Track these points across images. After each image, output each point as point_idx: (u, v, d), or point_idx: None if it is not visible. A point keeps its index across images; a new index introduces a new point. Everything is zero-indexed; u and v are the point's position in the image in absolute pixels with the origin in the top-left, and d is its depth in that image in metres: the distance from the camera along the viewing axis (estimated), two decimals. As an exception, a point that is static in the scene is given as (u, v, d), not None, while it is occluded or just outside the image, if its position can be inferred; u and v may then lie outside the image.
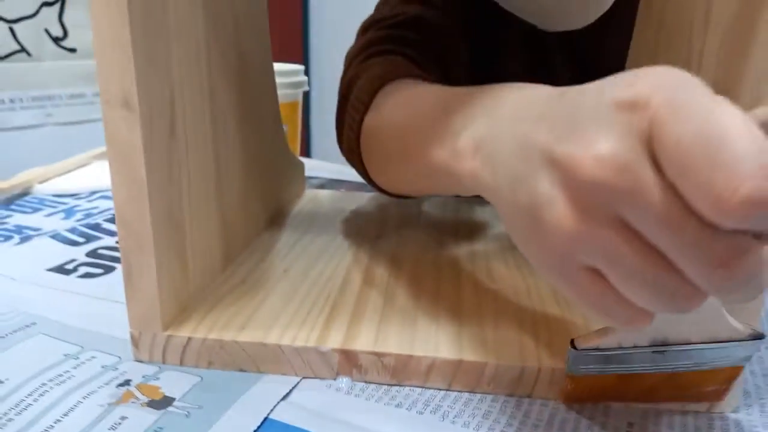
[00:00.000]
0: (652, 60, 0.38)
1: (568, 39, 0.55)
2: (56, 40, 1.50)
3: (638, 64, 0.42)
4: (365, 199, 0.57)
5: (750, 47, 0.25)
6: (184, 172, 0.32)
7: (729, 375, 0.27)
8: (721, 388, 0.27)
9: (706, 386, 0.27)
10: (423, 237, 0.47)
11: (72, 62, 1.53)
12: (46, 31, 1.47)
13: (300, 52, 2.40)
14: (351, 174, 0.65)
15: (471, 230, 0.49)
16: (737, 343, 0.25)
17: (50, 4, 1.48)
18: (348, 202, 0.56)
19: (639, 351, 0.26)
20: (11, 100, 1.44)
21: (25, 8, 1.43)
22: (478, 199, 0.63)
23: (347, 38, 0.78)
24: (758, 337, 0.25)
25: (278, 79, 0.52)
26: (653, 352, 0.25)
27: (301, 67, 0.72)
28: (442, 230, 0.49)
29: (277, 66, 0.54)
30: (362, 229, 0.48)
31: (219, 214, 0.38)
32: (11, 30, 1.41)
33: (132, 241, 0.29)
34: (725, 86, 0.28)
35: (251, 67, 0.43)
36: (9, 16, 1.41)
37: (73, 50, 1.53)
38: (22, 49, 1.43)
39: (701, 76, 0.30)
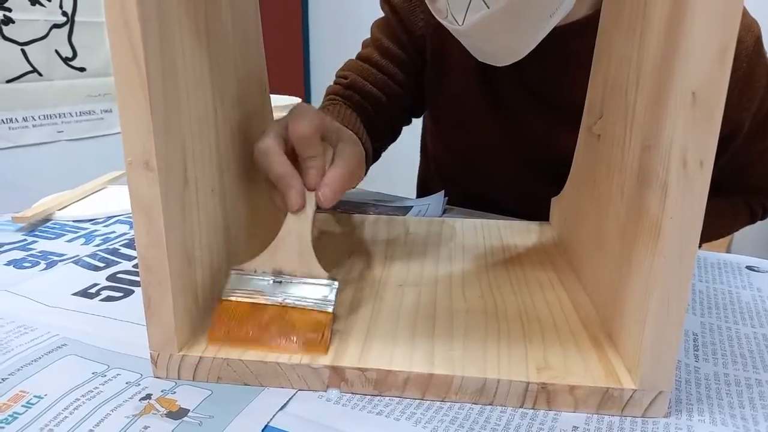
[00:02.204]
0: (602, 105, 0.44)
1: (523, 70, 0.63)
2: (66, 60, 1.56)
3: (593, 106, 0.47)
4: (357, 220, 0.62)
5: (664, 113, 0.30)
6: (195, 216, 0.38)
7: (321, 319, 0.38)
8: (319, 336, 0.37)
9: (307, 329, 0.37)
10: (407, 258, 0.52)
11: (81, 81, 1.60)
12: (57, 51, 1.53)
13: (302, 86, 2.51)
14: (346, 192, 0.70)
15: (450, 251, 0.54)
16: (321, 281, 0.39)
17: (60, 26, 1.54)
18: (341, 223, 0.61)
19: (264, 278, 0.39)
20: (24, 119, 1.50)
21: (36, 31, 1.49)
22: (463, 211, 0.69)
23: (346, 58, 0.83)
24: (333, 279, 0.39)
25: (276, 114, 0.57)
26: (273, 281, 0.39)
27: (298, 100, 0.77)
28: (425, 252, 0.54)
29: (275, 99, 0.59)
30: (354, 250, 0.53)
31: (227, 248, 0.43)
32: (23, 52, 1.47)
33: (152, 278, 0.35)
34: (648, 141, 0.33)
35: (252, 121, 0.48)
36: (21, 39, 1.47)
37: (82, 69, 1.59)
38: (34, 70, 1.50)
39: (635, 122, 0.36)
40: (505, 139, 0.72)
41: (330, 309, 0.38)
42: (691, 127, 0.29)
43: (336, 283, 0.39)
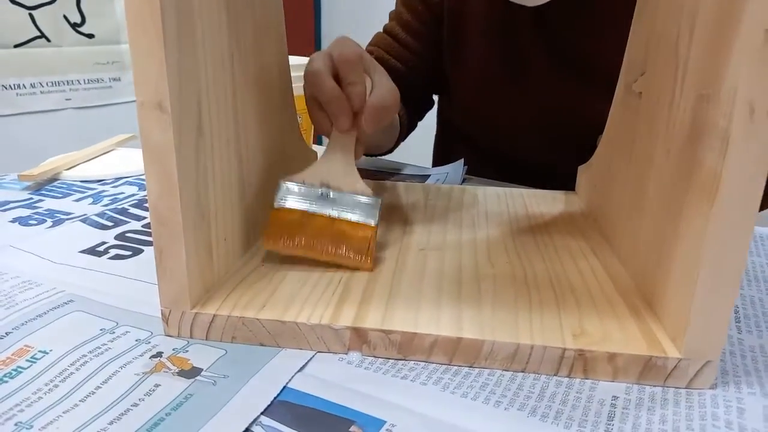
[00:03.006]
0: (644, 62, 0.41)
1: (547, 32, 0.60)
2: (74, 26, 1.53)
3: (633, 63, 0.44)
4: (374, 186, 0.60)
5: (728, 59, 0.28)
6: (209, 167, 0.35)
7: (365, 233, 0.41)
8: (365, 247, 0.40)
9: (354, 240, 0.40)
10: (428, 223, 0.50)
11: (90, 48, 1.57)
12: (65, 17, 1.50)
13: (312, 43, 2.44)
14: (361, 161, 0.67)
15: (473, 218, 0.51)
16: (366, 197, 0.42)
17: (68, -9, 1.50)
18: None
19: (313, 188, 0.42)
20: (32, 85, 1.48)
21: (44, -5, 1.46)
22: (483, 181, 0.66)
23: (358, 30, 0.81)
24: (377, 197, 0.42)
25: (293, 73, 0.54)
26: (321, 192, 0.42)
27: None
28: (446, 218, 0.51)
29: (292, 60, 0.56)
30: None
31: (241, 203, 0.41)
32: (31, 16, 1.44)
33: (164, 230, 0.32)
34: (707, 91, 0.30)
35: (270, 73, 0.45)
36: (28, 3, 1.44)
37: (91, 36, 1.56)
38: (42, 35, 1.47)
39: (687, 73, 0.33)
40: (527, 105, 0.69)
41: (373, 222, 0.41)
42: (761, 70, 0.26)
43: (380, 199, 0.42)
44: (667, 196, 0.34)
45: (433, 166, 0.84)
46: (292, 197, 0.41)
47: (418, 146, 0.92)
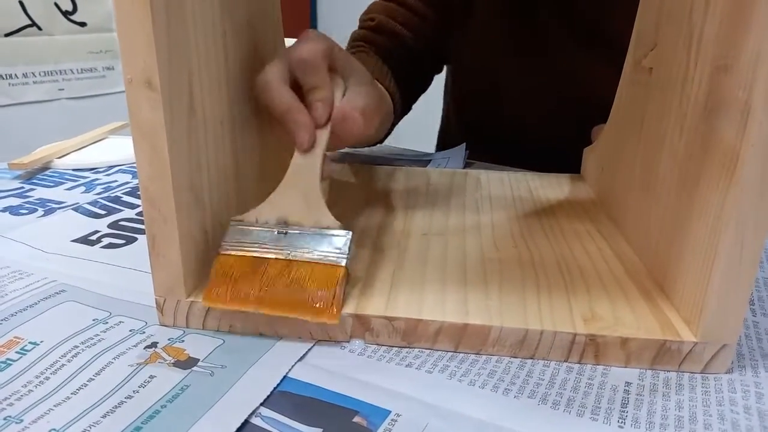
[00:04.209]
0: (654, 35, 0.39)
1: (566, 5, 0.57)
2: (66, 14, 1.50)
3: (643, 38, 0.43)
4: (374, 171, 0.58)
5: (748, 26, 0.26)
6: (203, 149, 0.34)
7: (331, 275, 0.32)
8: (329, 295, 0.31)
9: (316, 287, 0.32)
10: (430, 208, 0.48)
11: (82, 36, 1.54)
12: (56, 5, 1.47)
13: (308, 25, 2.41)
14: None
15: (477, 202, 0.50)
16: (333, 231, 0.33)
17: (59, -22, 1.47)
18: (357, 174, 0.57)
19: (267, 229, 0.34)
20: (24, 75, 1.45)
21: (34, -18, 1.43)
22: (485, 165, 0.64)
23: (355, 10, 0.78)
24: (347, 231, 0.33)
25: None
26: (278, 232, 0.34)
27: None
28: (448, 203, 0.50)
29: (288, 43, 0.55)
30: (371, 200, 0.50)
31: (237, 187, 0.39)
32: (21, 4, 1.41)
33: (156, 213, 0.31)
34: (724, 61, 0.28)
35: (264, 51, 0.44)
36: (19, -10, 1.41)
37: (83, 24, 1.54)
38: (33, 24, 1.44)
39: (702, 45, 0.31)
40: (538, 76, 0.67)
41: (343, 262, 0.32)
42: (784, 37, 0.24)
43: (350, 233, 0.33)
44: (680, 174, 0.33)
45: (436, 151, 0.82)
46: (242, 241, 0.34)
47: (419, 133, 0.90)
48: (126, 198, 0.55)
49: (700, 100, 0.31)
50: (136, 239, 0.46)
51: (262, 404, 0.27)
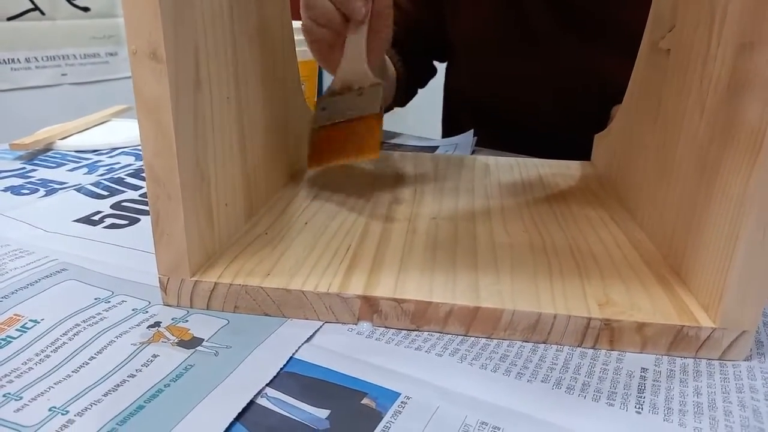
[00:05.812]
0: (673, 15, 0.38)
1: None
2: (69, -1, 1.49)
3: (660, 19, 0.41)
4: (381, 156, 0.57)
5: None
6: (209, 125, 0.33)
7: (375, 123, 0.42)
8: (375, 139, 0.42)
9: (369, 136, 0.42)
10: (439, 193, 0.47)
11: (85, 21, 1.53)
12: (59, -11, 1.46)
13: None
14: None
15: (486, 188, 0.49)
16: (370, 86, 0.45)
17: (62, -38, 1.46)
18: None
19: (337, 98, 0.45)
20: (27, 60, 1.44)
21: (37, -34, 1.42)
22: (493, 152, 0.63)
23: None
24: (378, 85, 0.44)
25: (297, 37, 0.51)
26: (346, 95, 0.45)
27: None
28: (457, 188, 0.49)
29: (296, 24, 0.53)
30: (379, 185, 0.49)
31: (242, 167, 0.38)
32: (24, -12, 1.40)
33: (160, 190, 0.30)
34: (750, 39, 0.27)
35: (272, 27, 0.43)
36: (21, -26, 1.39)
37: (86, 9, 1.53)
38: (36, 8, 1.43)
39: (726, 23, 0.30)
40: (534, 65, 0.66)
41: (377, 110, 0.43)
42: (817, 10, 0.23)
43: (381, 85, 0.45)
44: (700, 157, 0.32)
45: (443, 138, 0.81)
46: (324, 114, 0.45)
47: (425, 119, 0.89)
48: (129, 179, 0.54)
49: (722, 80, 0.30)
50: (139, 220, 0.45)
51: (268, 384, 0.27)
